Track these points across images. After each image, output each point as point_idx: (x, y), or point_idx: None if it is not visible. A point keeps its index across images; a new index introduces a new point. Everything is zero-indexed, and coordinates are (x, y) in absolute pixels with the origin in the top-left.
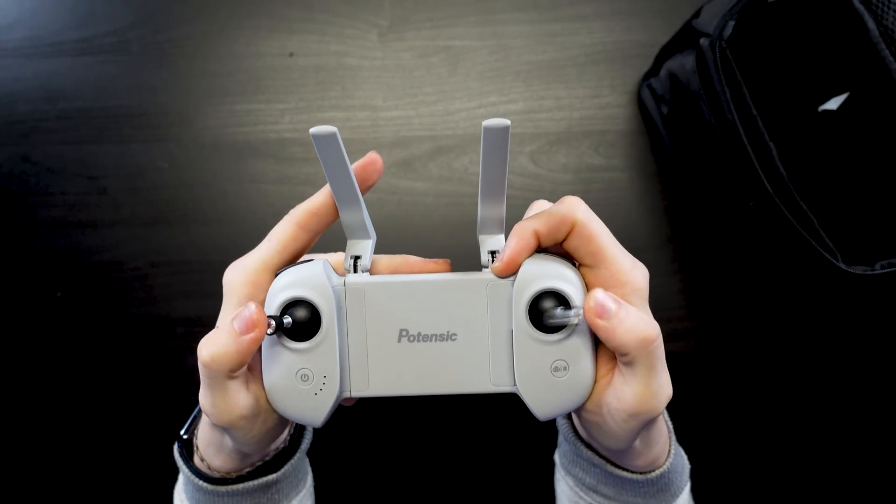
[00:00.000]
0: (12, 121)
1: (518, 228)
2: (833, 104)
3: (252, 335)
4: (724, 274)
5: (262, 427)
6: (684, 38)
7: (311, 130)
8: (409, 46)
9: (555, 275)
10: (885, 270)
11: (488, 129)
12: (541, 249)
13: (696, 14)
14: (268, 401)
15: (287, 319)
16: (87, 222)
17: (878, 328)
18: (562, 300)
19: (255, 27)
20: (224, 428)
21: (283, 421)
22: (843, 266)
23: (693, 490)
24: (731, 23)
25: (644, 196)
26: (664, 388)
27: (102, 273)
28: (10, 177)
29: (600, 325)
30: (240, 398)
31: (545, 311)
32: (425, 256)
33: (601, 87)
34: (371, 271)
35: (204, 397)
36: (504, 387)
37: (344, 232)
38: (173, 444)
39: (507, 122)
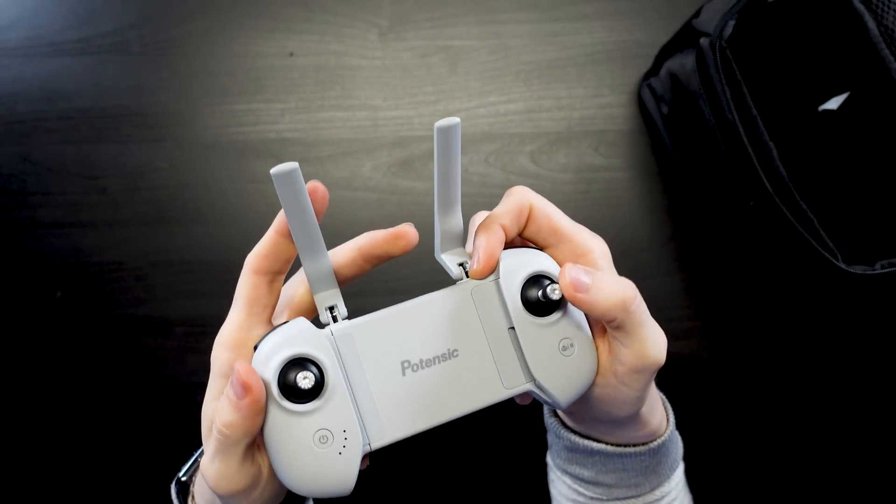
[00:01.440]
0: (12, 121)
1: (484, 226)
2: (833, 104)
3: (250, 397)
4: (725, 273)
5: (259, 498)
6: (684, 38)
7: (272, 171)
8: (409, 46)
9: (533, 261)
10: (885, 270)
11: (441, 129)
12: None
13: (697, 14)
14: (271, 470)
15: (307, 381)
16: (87, 222)
17: (878, 328)
18: (550, 282)
19: (255, 27)
20: (221, 496)
21: (281, 492)
22: (843, 266)
23: (695, 488)
24: (732, 22)
25: (645, 196)
26: (659, 336)
27: (102, 273)
28: (10, 177)
29: (580, 298)
30: (245, 468)
31: (535, 296)
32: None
33: (601, 87)
34: (335, 263)
35: (210, 462)
36: (519, 387)
37: (310, 286)
38: (171, 483)
39: (457, 119)
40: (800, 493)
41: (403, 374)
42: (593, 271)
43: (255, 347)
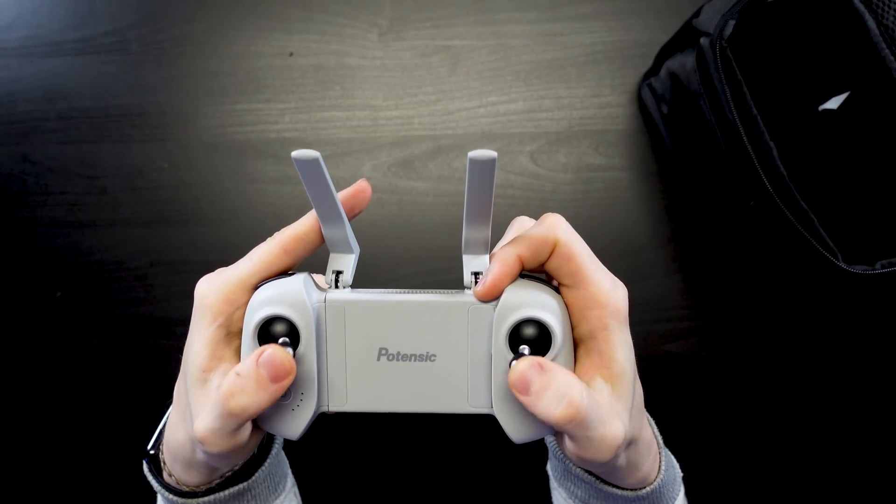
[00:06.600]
0: (12, 121)
1: (501, 254)
2: (833, 104)
3: (284, 382)
4: (724, 273)
5: (245, 448)
6: (684, 38)
7: (294, 154)
8: (409, 46)
9: (536, 303)
10: (885, 270)
11: (474, 161)
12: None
13: (697, 13)
14: (255, 425)
15: (285, 342)
16: (87, 222)
17: (878, 328)
18: (542, 328)
19: (255, 27)
20: (211, 455)
21: (259, 437)
22: (843, 265)
23: (692, 490)
24: (732, 22)
25: (644, 195)
26: (606, 440)
27: (102, 273)
28: (10, 177)
29: (521, 399)
30: (246, 430)
31: (518, 338)
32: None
33: (601, 87)
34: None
35: (209, 432)
36: (481, 408)
37: (327, 246)
38: (141, 460)
39: (494, 153)
40: (799, 493)
41: (378, 359)
42: (549, 371)
43: (257, 287)
